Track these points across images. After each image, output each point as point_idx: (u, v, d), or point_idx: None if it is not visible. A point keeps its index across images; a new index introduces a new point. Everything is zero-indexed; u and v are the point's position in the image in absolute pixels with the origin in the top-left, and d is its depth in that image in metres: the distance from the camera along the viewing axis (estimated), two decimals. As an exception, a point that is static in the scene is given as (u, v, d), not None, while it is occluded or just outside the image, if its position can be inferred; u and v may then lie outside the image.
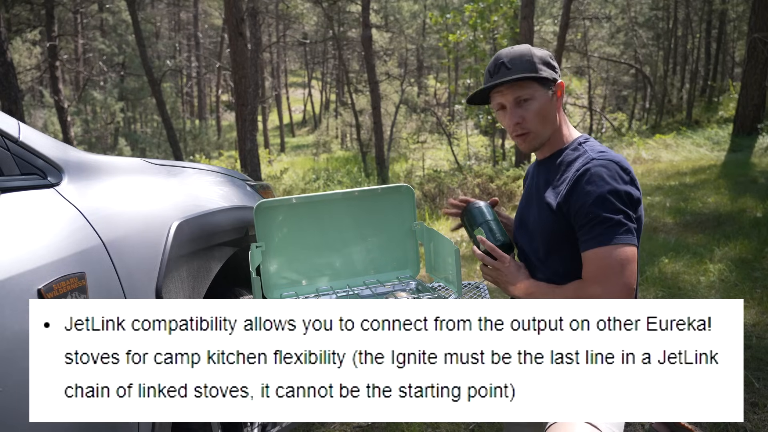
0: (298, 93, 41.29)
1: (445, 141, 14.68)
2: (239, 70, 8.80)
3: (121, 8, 23.25)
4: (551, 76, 1.37)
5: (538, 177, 1.45)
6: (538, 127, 1.37)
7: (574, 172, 1.31)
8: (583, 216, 1.27)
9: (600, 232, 1.24)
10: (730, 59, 25.58)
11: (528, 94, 1.35)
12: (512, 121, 1.37)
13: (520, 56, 1.36)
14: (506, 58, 1.36)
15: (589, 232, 1.26)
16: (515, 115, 1.36)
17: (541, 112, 1.36)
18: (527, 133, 1.38)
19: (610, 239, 1.23)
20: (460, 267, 1.49)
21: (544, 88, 1.36)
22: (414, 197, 1.74)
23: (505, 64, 1.35)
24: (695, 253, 4.00)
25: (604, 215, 1.24)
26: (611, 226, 1.24)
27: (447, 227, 6.21)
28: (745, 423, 2.02)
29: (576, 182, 1.29)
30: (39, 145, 1.17)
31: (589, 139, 1.41)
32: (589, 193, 1.26)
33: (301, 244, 1.68)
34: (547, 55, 1.39)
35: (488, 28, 10.61)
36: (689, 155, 10.88)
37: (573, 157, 1.36)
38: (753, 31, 10.73)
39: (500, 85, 1.35)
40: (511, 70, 1.35)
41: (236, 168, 12.61)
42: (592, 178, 1.27)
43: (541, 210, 1.39)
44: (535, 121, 1.36)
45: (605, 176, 1.26)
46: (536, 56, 1.36)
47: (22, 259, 0.95)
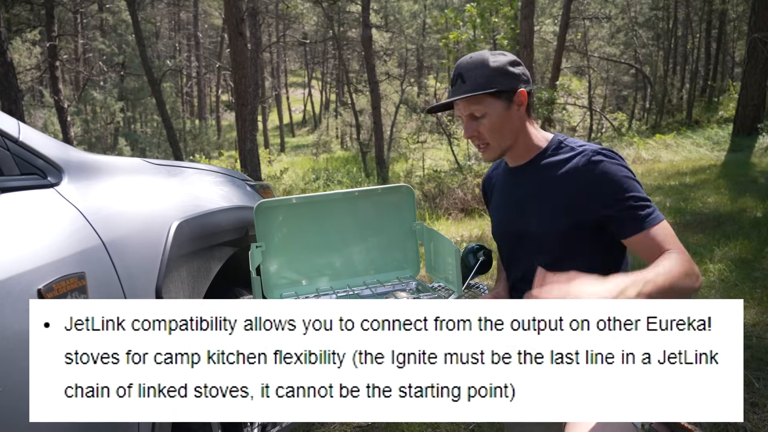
0: (298, 93, 41.29)
1: (445, 141, 14.67)
2: (239, 70, 8.80)
3: (121, 8, 23.24)
4: (509, 87, 1.33)
5: (522, 185, 1.42)
6: (495, 140, 1.36)
7: (581, 167, 1.30)
8: (622, 202, 1.27)
9: (648, 213, 1.27)
10: (730, 59, 25.57)
11: (480, 110, 1.33)
12: (467, 134, 1.36)
13: (475, 68, 1.32)
14: (464, 69, 1.34)
15: (636, 215, 1.27)
16: (470, 129, 1.35)
17: (496, 126, 1.34)
18: (486, 144, 1.37)
19: (659, 217, 1.28)
20: (460, 267, 1.49)
21: (501, 100, 1.33)
22: (414, 197, 1.74)
23: (461, 76, 1.33)
24: (695, 253, 4.00)
25: (641, 196, 1.27)
26: (649, 205, 1.28)
27: (447, 227, 6.21)
28: (745, 423, 2.02)
29: (592, 176, 1.29)
30: (39, 145, 1.16)
31: (566, 137, 1.41)
32: (620, 180, 1.27)
33: (301, 244, 1.68)
34: (506, 63, 1.33)
35: (488, 29, 10.61)
36: (689, 155, 10.88)
37: (563, 156, 1.35)
38: (753, 31, 10.73)
39: (452, 100, 1.34)
40: (466, 84, 1.32)
41: (236, 168, 12.61)
42: (611, 168, 1.28)
43: (543, 215, 1.36)
44: (490, 135, 1.35)
45: (622, 165, 1.29)
46: (491, 67, 1.31)
47: (22, 259, 0.95)
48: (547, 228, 1.36)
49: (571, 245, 1.34)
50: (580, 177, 1.29)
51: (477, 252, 1.62)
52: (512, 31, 10.76)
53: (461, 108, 1.35)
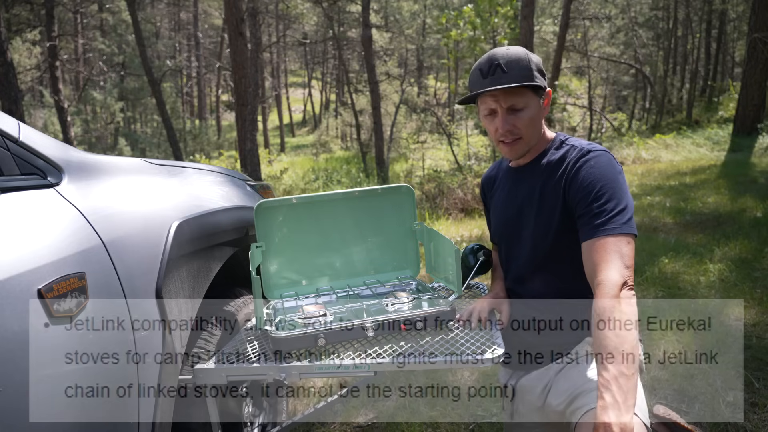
0: (298, 93, 41.28)
1: (445, 141, 14.67)
2: (239, 70, 8.79)
3: (121, 8, 23.23)
4: (543, 85, 1.35)
5: (523, 184, 1.42)
6: (529, 135, 1.36)
7: (572, 165, 1.31)
8: (587, 204, 1.24)
9: (605, 221, 1.21)
10: (730, 59, 25.57)
11: (523, 102, 1.33)
12: (504, 128, 1.34)
13: (518, 61, 1.32)
14: (502, 60, 1.32)
15: (592, 222, 1.23)
16: (507, 122, 1.33)
17: (534, 120, 1.35)
18: (518, 139, 1.36)
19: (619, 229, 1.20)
20: (460, 267, 1.49)
21: (537, 96, 1.35)
22: (414, 197, 1.73)
23: (501, 66, 1.31)
24: (695, 253, 4.00)
25: (612, 204, 1.22)
26: (614, 216, 1.21)
27: (447, 227, 6.21)
28: (745, 423, 2.02)
29: (576, 172, 1.28)
30: (39, 145, 1.17)
31: (568, 137, 1.41)
32: (597, 181, 1.25)
33: (301, 244, 1.68)
34: (540, 62, 1.37)
35: (488, 30, 10.61)
36: (689, 155, 10.88)
37: (561, 154, 1.36)
38: (753, 31, 10.73)
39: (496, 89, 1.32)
40: (508, 74, 1.31)
41: (236, 168, 12.61)
42: (595, 168, 1.26)
43: (541, 212, 1.36)
44: (527, 129, 1.35)
45: (610, 167, 1.27)
46: (533, 62, 1.33)
47: (22, 259, 0.95)
48: (543, 228, 1.36)
49: (562, 246, 1.34)
50: (568, 172, 1.31)
51: (477, 252, 1.62)
52: (512, 31, 10.76)
53: (500, 100, 1.33)
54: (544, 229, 1.36)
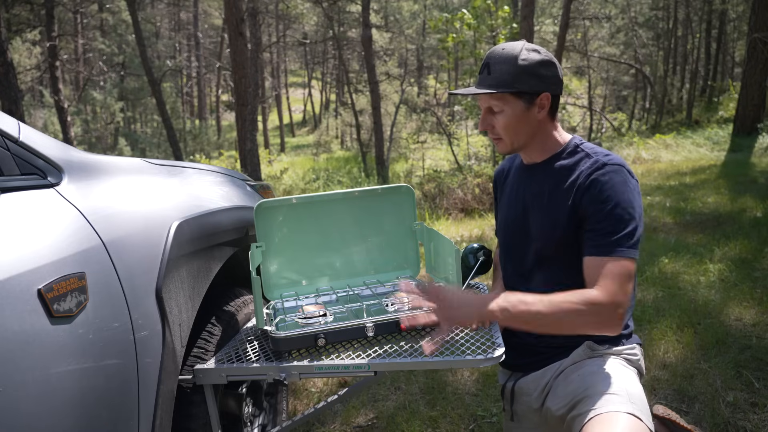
0: (298, 93, 41.28)
1: (445, 141, 14.67)
2: (239, 70, 8.79)
3: (121, 8, 23.23)
4: (532, 89, 1.30)
5: (531, 183, 1.41)
6: (509, 138, 1.35)
7: (585, 176, 1.28)
8: (598, 222, 1.24)
9: (612, 243, 1.21)
10: (730, 59, 25.56)
11: (499, 106, 1.32)
12: (481, 127, 1.37)
13: (506, 62, 1.29)
14: (493, 60, 1.31)
15: (599, 240, 1.22)
16: (484, 122, 1.36)
17: (510, 124, 1.33)
18: (499, 138, 1.37)
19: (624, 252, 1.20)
20: (460, 267, 1.49)
21: (521, 100, 1.31)
22: (414, 197, 1.74)
23: (488, 67, 1.31)
24: (695, 253, 4.00)
25: (622, 226, 1.21)
26: (622, 238, 1.21)
27: (447, 227, 6.21)
28: (745, 423, 2.02)
29: (590, 186, 1.26)
30: (39, 145, 1.16)
31: (582, 141, 1.39)
32: (610, 199, 1.23)
33: (301, 244, 1.68)
34: (536, 63, 1.29)
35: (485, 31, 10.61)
36: (689, 155, 10.88)
37: (575, 159, 1.34)
38: (753, 31, 10.73)
39: (467, 92, 1.34)
40: (490, 76, 1.31)
41: (236, 168, 12.61)
42: (610, 185, 1.24)
43: (547, 216, 1.35)
44: (504, 132, 1.34)
45: (625, 185, 1.25)
46: (519, 65, 1.28)
47: (22, 259, 0.95)
48: (547, 230, 1.35)
49: (564, 250, 1.33)
50: (581, 183, 1.28)
51: (477, 252, 1.62)
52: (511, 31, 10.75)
53: (482, 99, 1.35)
54: (547, 232, 1.35)
